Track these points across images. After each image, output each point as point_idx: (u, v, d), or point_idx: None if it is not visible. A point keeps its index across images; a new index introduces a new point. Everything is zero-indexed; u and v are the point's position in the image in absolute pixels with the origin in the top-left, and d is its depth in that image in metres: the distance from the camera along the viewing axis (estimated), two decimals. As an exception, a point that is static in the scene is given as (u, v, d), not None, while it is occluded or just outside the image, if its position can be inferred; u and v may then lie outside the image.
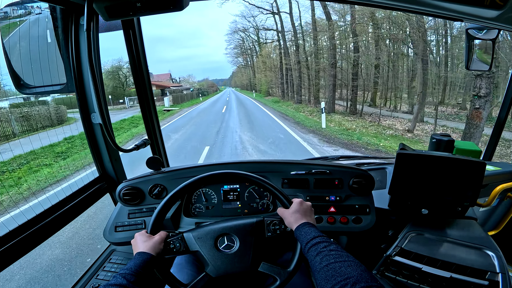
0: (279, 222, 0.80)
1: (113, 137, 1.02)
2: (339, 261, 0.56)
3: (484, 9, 0.70)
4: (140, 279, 0.64)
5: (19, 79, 0.99)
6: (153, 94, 1.38)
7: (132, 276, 0.63)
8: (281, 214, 0.79)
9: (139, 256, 0.69)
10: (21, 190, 3.83)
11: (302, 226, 0.71)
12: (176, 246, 0.78)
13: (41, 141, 5.20)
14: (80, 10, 0.97)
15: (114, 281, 0.61)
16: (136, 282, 0.62)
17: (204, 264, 0.78)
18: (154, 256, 0.71)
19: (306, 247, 0.65)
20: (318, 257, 0.60)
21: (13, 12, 0.96)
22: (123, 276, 0.62)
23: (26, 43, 0.96)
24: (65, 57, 1.02)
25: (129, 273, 0.63)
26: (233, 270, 0.76)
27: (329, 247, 0.61)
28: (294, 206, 0.77)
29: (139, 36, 1.21)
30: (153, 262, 0.70)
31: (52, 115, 7.95)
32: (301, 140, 7.13)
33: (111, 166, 1.23)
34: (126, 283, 0.61)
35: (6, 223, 0.92)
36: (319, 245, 0.62)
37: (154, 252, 0.72)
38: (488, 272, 0.77)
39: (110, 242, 1.03)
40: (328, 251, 0.60)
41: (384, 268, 0.89)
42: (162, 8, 0.83)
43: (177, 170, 1.08)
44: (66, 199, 1.07)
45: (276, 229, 0.79)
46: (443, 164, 0.90)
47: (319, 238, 0.65)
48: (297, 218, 0.74)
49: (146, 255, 0.70)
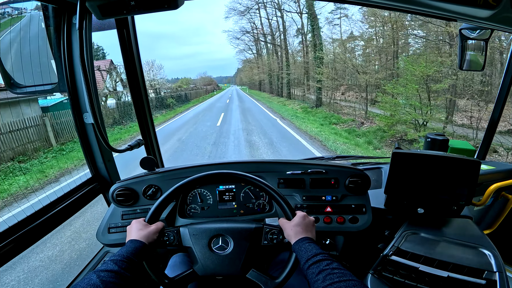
0: (278, 232, 0.78)
1: (106, 137, 1.01)
2: (343, 280, 0.56)
3: (477, 8, 0.70)
4: (131, 266, 0.63)
5: (9, 78, 0.97)
6: (147, 94, 1.37)
7: (123, 262, 0.62)
8: (282, 224, 0.77)
9: (131, 243, 0.69)
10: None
11: (302, 241, 0.69)
12: (170, 239, 0.78)
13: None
14: (72, 9, 0.96)
15: (105, 266, 0.61)
16: (126, 269, 0.62)
17: (193, 262, 0.78)
18: (146, 245, 0.70)
19: (307, 263, 0.63)
20: (320, 275, 0.59)
21: (5, 11, 0.94)
22: (114, 262, 0.62)
23: (18, 42, 0.95)
24: (57, 57, 1.00)
25: (120, 260, 0.63)
26: (221, 272, 0.75)
27: (331, 265, 0.60)
28: (296, 219, 0.76)
29: (133, 35, 1.19)
30: (144, 250, 0.69)
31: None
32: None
33: (104, 167, 1.21)
34: (118, 269, 0.60)
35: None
36: (322, 263, 0.61)
37: (147, 241, 0.71)
38: (485, 271, 0.77)
39: (103, 243, 1.01)
40: (331, 269, 0.59)
41: (381, 267, 0.89)
42: (156, 7, 0.81)
43: (172, 171, 1.06)
44: (58, 200, 1.05)
45: (274, 239, 0.78)
46: (438, 163, 0.90)
47: (321, 255, 0.64)
48: (297, 232, 0.72)
49: (138, 243, 0.69)
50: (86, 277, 0.58)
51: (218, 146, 6.62)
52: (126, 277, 0.61)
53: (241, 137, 7.57)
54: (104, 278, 0.57)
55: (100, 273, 0.58)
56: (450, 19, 0.88)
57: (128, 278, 0.61)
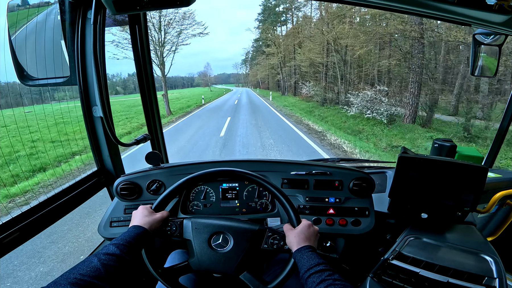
0: (280, 237, 0.78)
1: (114, 130, 1.02)
2: None
3: (492, 13, 0.70)
4: (132, 251, 0.64)
5: (22, 70, 0.99)
6: (155, 89, 1.38)
7: (125, 247, 0.63)
8: (286, 230, 0.77)
9: (133, 229, 0.70)
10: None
11: (304, 249, 0.69)
12: (172, 230, 0.79)
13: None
14: (88, 3, 0.97)
15: (106, 250, 0.61)
16: (128, 253, 0.62)
17: (190, 255, 0.78)
18: (149, 232, 0.71)
19: (308, 272, 0.63)
20: (321, 285, 0.58)
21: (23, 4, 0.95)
22: (116, 246, 0.62)
23: (33, 36, 0.96)
24: (70, 50, 1.02)
25: (122, 243, 0.63)
26: (215, 270, 0.76)
27: (333, 276, 0.60)
28: (301, 227, 0.75)
29: (144, 32, 1.21)
30: (146, 237, 0.70)
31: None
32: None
33: (109, 160, 1.22)
34: (119, 252, 0.61)
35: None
36: (323, 273, 0.61)
37: (150, 228, 0.72)
38: (485, 277, 0.77)
39: (105, 237, 1.01)
40: (333, 281, 0.59)
41: (381, 271, 0.89)
42: (169, 3, 0.82)
43: (177, 166, 1.07)
44: (63, 192, 1.06)
45: (274, 244, 0.77)
46: (445, 169, 0.89)
47: (323, 265, 0.63)
48: (300, 240, 0.72)
49: (141, 229, 0.70)
50: (86, 259, 0.58)
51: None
52: (126, 261, 0.61)
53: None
54: (105, 261, 0.57)
55: (101, 256, 0.58)
56: (465, 24, 0.87)
57: (128, 263, 0.62)
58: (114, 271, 0.57)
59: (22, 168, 4.23)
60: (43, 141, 4.60)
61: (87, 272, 0.54)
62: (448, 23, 4.84)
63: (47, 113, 2.16)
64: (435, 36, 8.38)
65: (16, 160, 4.52)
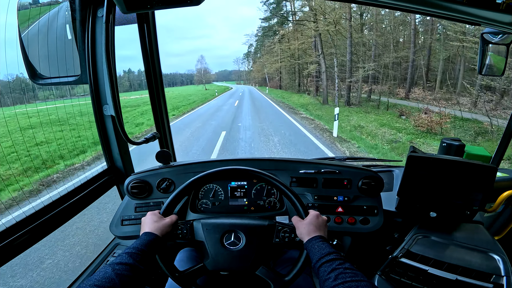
0: (290, 230, 0.79)
1: (124, 129, 1.03)
2: (355, 280, 0.56)
3: (499, 13, 0.70)
4: (145, 259, 0.65)
5: (34, 69, 1.00)
6: (164, 88, 1.39)
7: (138, 255, 0.64)
8: (295, 223, 0.78)
9: (145, 236, 0.71)
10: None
11: (315, 239, 0.70)
12: (183, 233, 0.79)
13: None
14: (99, 1, 0.97)
15: (120, 259, 0.62)
16: (141, 262, 0.63)
17: (204, 256, 0.79)
18: (160, 238, 0.72)
19: (320, 261, 0.64)
20: (332, 274, 0.59)
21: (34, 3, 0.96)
22: (129, 255, 0.63)
23: (44, 35, 0.97)
24: (81, 49, 1.02)
25: (135, 252, 0.64)
26: (231, 268, 0.77)
27: (344, 265, 0.61)
28: (309, 218, 0.76)
29: (153, 30, 1.21)
30: (158, 243, 0.71)
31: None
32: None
33: (120, 159, 1.24)
34: (132, 262, 0.62)
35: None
36: (334, 262, 0.62)
37: (161, 234, 0.73)
38: (493, 275, 0.78)
39: (116, 235, 1.02)
40: (343, 269, 0.59)
41: (389, 269, 0.90)
42: (179, 2, 0.83)
43: (186, 165, 1.08)
44: (74, 191, 1.07)
45: (285, 237, 0.78)
46: (454, 168, 0.90)
47: (334, 254, 0.64)
48: (310, 230, 0.73)
49: (153, 235, 0.71)
50: (101, 269, 0.59)
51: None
52: (139, 270, 0.62)
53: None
54: (119, 271, 0.58)
55: (115, 266, 0.59)
56: (473, 23, 0.87)
57: (141, 271, 0.63)
58: (128, 280, 0.58)
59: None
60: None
61: (102, 283, 0.55)
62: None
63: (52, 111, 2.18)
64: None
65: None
